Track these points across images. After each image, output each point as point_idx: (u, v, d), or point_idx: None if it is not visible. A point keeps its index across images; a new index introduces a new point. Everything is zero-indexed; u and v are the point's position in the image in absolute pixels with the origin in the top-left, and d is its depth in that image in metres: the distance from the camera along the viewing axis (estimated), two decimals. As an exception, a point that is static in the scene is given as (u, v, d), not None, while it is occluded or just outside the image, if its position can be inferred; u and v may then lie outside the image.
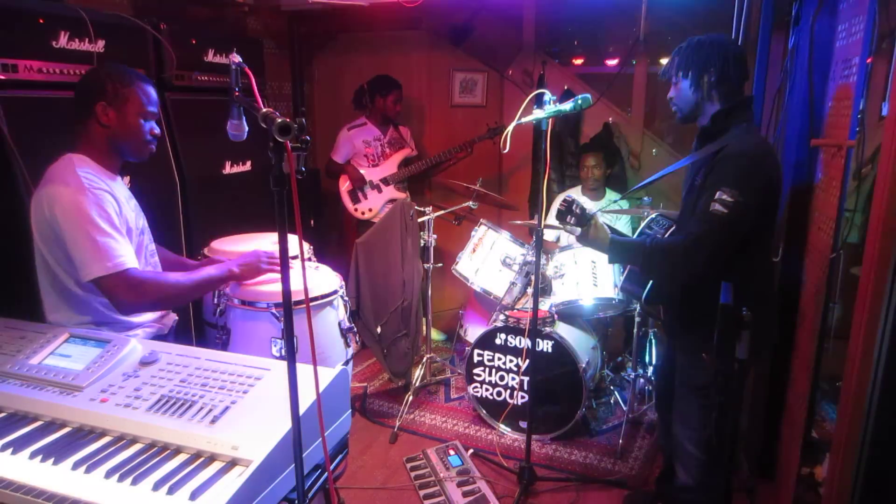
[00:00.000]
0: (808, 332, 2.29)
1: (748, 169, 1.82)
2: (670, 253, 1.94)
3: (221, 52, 3.11)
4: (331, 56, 4.61)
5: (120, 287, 1.77)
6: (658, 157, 4.33)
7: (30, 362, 1.59)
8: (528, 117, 2.28)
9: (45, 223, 1.77)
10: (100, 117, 1.84)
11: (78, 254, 1.74)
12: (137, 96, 1.90)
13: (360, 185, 4.00)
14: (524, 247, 3.34)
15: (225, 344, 2.28)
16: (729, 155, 1.85)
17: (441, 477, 2.79)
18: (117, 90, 1.86)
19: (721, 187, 1.80)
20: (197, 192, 2.92)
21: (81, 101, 1.85)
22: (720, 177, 1.83)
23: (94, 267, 1.73)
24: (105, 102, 1.84)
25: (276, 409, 1.36)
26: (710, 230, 1.83)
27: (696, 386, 2.05)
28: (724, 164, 1.85)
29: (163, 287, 1.88)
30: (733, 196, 1.78)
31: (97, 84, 1.85)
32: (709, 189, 1.84)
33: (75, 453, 1.32)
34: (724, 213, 1.79)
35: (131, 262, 1.80)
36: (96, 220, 1.74)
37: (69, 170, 1.78)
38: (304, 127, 1.14)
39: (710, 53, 1.93)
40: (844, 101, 2.09)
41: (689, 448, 2.10)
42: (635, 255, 2.05)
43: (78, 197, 1.74)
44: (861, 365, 1.52)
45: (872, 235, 1.51)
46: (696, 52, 1.95)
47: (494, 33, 4.45)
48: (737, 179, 1.80)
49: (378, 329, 3.40)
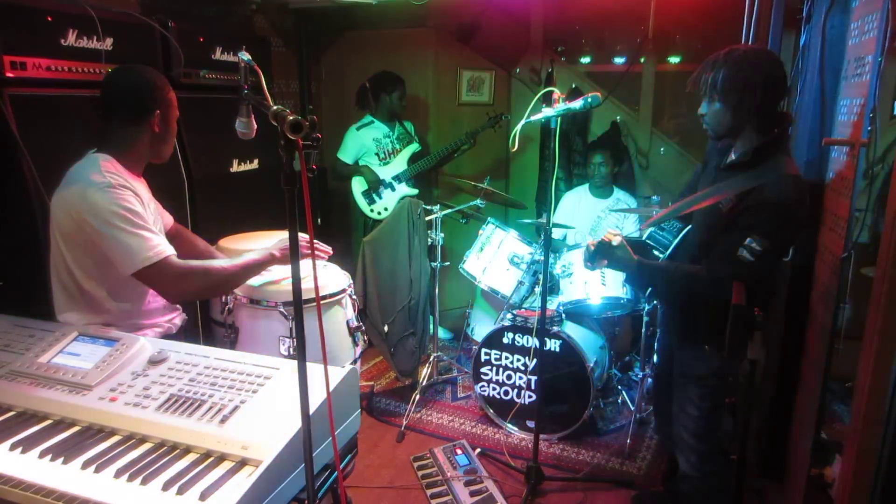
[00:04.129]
0: (818, 333, 2.27)
1: (784, 221, 1.78)
2: (691, 283, 1.95)
3: (229, 50, 3.10)
4: (338, 54, 4.60)
5: (164, 275, 1.77)
6: (666, 156, 4.31)
7: (39, 361, 1.59)
8: (538, 116, 2.27)
9: (72, 223, 1.76)
10: (155, 125, 1.85)
11: (115, 250, 1.74)
12: (175, 101, 1.92)
13: (375, 186, 3.98)
14: (532, 245, 3.33)
15: (233, 343, 2.28)
16: (767, 203, 1.76)
17: (448, 476, 2.78)
18: (165, 96, 1.87)
19: (753, 234, 1.76)
20: (204, 191, 2.92)
21: (135, 107, 1.84)
22: (753, 223, 1.78)
23: (136, 259, 1.73)
24: (161, 111, 1.85)
25: (285, 408, 1.35)
26: (734, 274, 1.77)
27: (695, 376, 2.07)
28: (760, 211, 1.77)
29: (209, 273, 1.87)
30: (763, 246, 1.75)
31: (155, 90, 1.85)
32: (739, 230, 1.79)
33: (84, 452, 1.32)
34: (750, 260, 1.76)
35: (170, 250, 1.80)
36: (128, 216, 1.74)
37: (94, 169, 1.78)
38: (315, 124, 1.13)
39: (750, 75, 1.77)
40: (857, 100, 2.07)
41: (687, 438, 2.12)
42: (656, 278, 2.07)
43: (105, 195, 1.73)
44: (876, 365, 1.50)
45: (888, 233, 1.50)
46: (736, 72, 1.78)
47: (502, 31, 4.43)
48: (770, 230, 1.76)
49: (385, 328, 3.39)
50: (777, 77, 1.81)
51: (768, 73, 1.78)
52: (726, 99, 1.82)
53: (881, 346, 1.57)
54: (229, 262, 1.97)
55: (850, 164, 2.06)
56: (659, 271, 2.06)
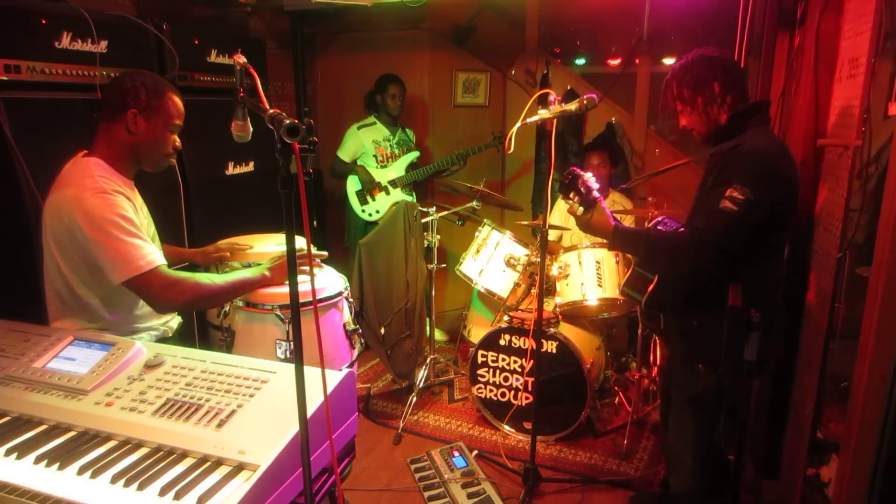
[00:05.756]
0: (814, 333, 2.28)
1: (762, 167, 1.77)
2: (674, 246, 1.89)
3: (224, 53, 3.09)
4: (333, 56, 4.60)
5: (154, 286, 1.76)
6: (662, 157, 4.32)
7: (34, 365, 1.57)
8: (533, 118, 2.27)
9: (64, 228, 1.75)
10: (129, 124, 1.83)
11: (106, 257, 1.73)
12: (168, 108, 1.89)
13: (370, 187, 3.98)
14: (528, 247, 3.33)
15: (229, 346, 2.27)
16: (743, 153, 1.80)
17: (445, 478, 2.78)
18: (150, 99, 1.85)
19: (733, 184, 1.75)
20: (199, 194, 2.91)
21: (112, 105, 1.83)
22: (733, 174, 1.78)
23: (126, 267, 1.72)
24: (137, 110, 1.83)
25: (282, 412, 1.34)
26: (717, 226, 1.77)
27: (690, 395, 2.02)
28: (738, 162, 1.80)
29: (199, 286, 1.87)
30: (744, 194, 1.72)
31: (132, 90, 1.83)
32: (720, 186, 1.79)
33: (80, 458, 1.31)
34: (733, 210, 1.73)
35: (161, 260, 1.80)
36: (120, 222, 1.73)
37: (86, 172, 1.77)
38: (312, 128, 1.13)
39: (697, 71, 1.89)
40: (851, 101, 2.08)
41: (682, 456, 2.08)
42: (637, 245, 2.01)
43: (99, 200, 1.72)
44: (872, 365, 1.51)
45: (883, 233, 1.50)
46: (683, 75, 1.91)
47: (497, 33, 4.44)
48: (749, 177, 1.75)
49: (382, 330, 3.39)
50: (719, 57, 1.89)
51: (709, 58, 1.89)
52: (690, 103, 1.91)
53: (877, 345, 1.57)
54: (221, 277, 1.97)
55: (844, 164, 2.07)
56: (637, 236, 2.00)
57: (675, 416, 2.11)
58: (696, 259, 1.83)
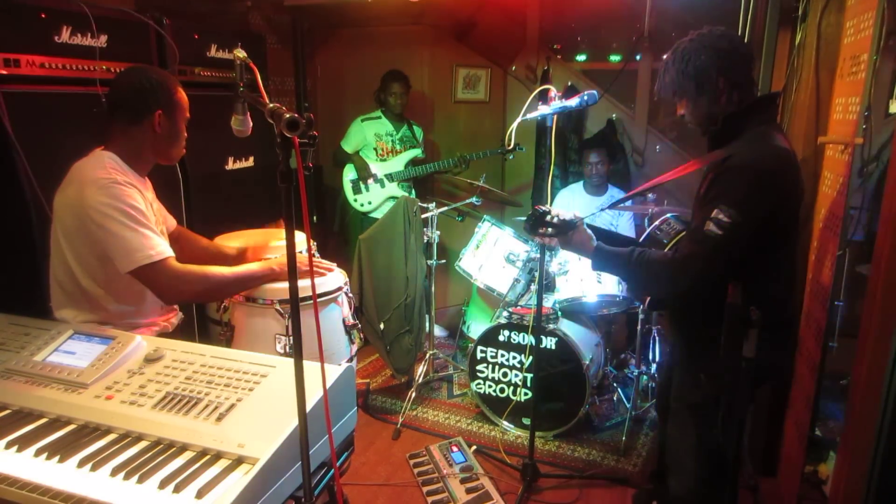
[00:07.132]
0: (813, 330, 2.28)
1: (750, 184, 1.63)
2: (655, 272, 1.80)
3: (224, 48, 3.09)
4: (333, 51, 4.59)
5: (162, 276, 1.78)
6: (662, 154, 4.32)
7: (34, 359, 1.58)
8: (534, 114, 2.27)
9: (75, 220, 1.76)
10: (155, 125, 1.84)
11: (116, 246, 1.73)
12: (182, 101, 1.91)
13: (364, 176, 3.98)
14: (528, 243, 3.33)
15: (229, 340, 2.27)
16: (733, 167, 1.66)
17: (444, 473, 2.79)
18: (171, 96, 1.86)
19: (719, 205, 1.62)
20: (199, 188, 2.91)
21: (132, 108, 1.83)
22: (720, 192, 1.66)
23: (136, 256, 1.73)
24: (163, 111, 1.84)
25: (282, 406, 1.35)
26: (698, 253, 1.67)
27: (690, 404, 1.96)
28: (726, 177, 1.66)
29: (207, 278, 1.88)
30: (730, 216, 1.61)
31: (152, 91, 1.83)
32: (708, 203, 1.67)
33: (80, 451, 1.32)
34: (717, 234, 1.62)
35: (170, 252, 1.81)
36: (131, 212, 1.74)
37: (100, 166, 1.78)
38: (312, 122, 1.13)
39: (698, 60, 1.73)
40: (852, 99, 2.07)
41: (685, 460, 2.00)
42: (619, 267, 1.95)
43: (111, 192, 1.73)
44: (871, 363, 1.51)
45: (883, 231, 1.50)
46: (685, 64, 1.74)
47: (498, 29, 4.43)
48: (737, 198, 1.62)
49: (381, 325, 3.39)
50: (727, 49, 1.73)
51: (716, 48, 1.72)
52: (688, 92, 1.78)
53: (876, 343, 1.58)
54: (229, 269, 1.98)
55: (844, 162, 2.07)
56: (618, 258, 1.89)
57: (676, 422, 2.07)
58: (677, 285, 1.77)
